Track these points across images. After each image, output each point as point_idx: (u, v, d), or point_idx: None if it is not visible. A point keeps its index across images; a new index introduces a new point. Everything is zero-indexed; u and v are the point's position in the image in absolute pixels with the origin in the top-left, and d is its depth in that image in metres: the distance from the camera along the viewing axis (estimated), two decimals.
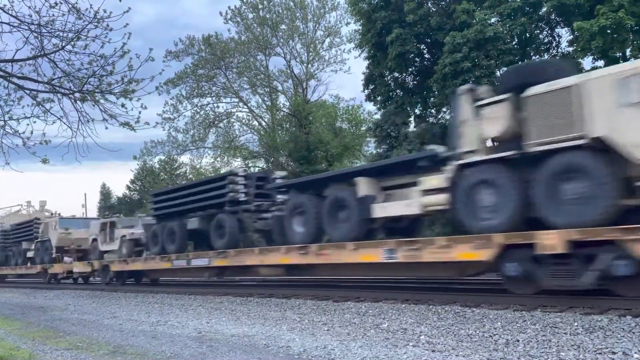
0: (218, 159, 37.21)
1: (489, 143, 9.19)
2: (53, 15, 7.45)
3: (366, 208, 10.47)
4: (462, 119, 9.32)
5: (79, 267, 21.53)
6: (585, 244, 7.42)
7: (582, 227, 7.44)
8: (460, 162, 9.09)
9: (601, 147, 7.53)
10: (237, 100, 36.35)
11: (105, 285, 19.68)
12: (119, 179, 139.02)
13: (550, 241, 7.61)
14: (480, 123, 9.01)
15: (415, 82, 24.79)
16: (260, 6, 33.87)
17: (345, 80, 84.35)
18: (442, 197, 9.31)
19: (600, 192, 7.42)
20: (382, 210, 10.34)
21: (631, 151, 7.23)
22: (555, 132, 7.91)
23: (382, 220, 10.71)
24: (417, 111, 25.21)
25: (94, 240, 20.94)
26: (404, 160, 10.90)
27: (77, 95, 8.01)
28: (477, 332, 6.50)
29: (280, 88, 36.77)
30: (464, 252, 8.64)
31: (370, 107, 36.06)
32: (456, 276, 11.08)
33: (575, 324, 6.47)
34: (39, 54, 7.70)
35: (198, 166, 38.94)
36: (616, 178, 7.44)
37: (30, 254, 25.62)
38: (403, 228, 11.26)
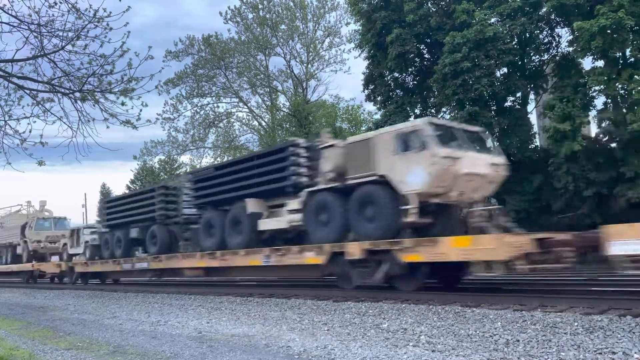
0: (218, 159, 37.23)
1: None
2: (53, 15, 7.45)
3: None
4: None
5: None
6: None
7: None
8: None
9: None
10: (237, 100, 36.42)
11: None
12: (119, 179, 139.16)
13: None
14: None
15: (415, 82, 24.79)
16: (260, 6, 33.92)
17: (345, 80, 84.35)
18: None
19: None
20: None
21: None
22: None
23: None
24: (417, 111, 25.20)
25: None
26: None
27: (77, 94, 8.00)
28: (477, 332, 6.50)
29: (280, 88, 36.84)
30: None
31: (370, 107, 36.14)
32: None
33: (575, 324, 6.47)
34: (39, 54, 7.69)
35: (198, 166, 38.96)
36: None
37: None
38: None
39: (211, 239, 14.36)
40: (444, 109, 24.05)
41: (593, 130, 21.87)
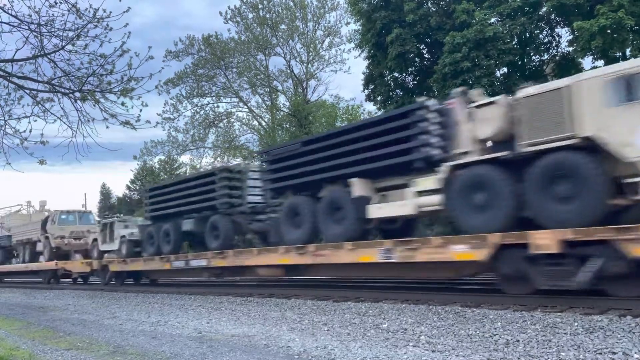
0: (218, 158, 37.24)
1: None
2: (53, 14, 7.45)
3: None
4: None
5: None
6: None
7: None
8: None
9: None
10: (237, 100, 36.38)
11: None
12: (119, 179, 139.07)
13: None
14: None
15: (415, 82, 24.77)
16: (260, 6, 33.89)
17: (345, 80, 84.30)
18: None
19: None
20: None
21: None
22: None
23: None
24: None
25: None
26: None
27: (77, 94, 8.00)
28: (477, 332, 6.50)
29: (280, 88, 36.81)
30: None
31: (370, 107, 36.04)
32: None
33: (575, 324, 6.47)
34: (39, 53, 7.69)
35: (198, 166, 38.96)
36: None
37: None
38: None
39: (297, 230, 11.85)
40: None
41: None
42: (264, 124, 36.93)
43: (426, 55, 24.47)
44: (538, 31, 21.04)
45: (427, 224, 16.06)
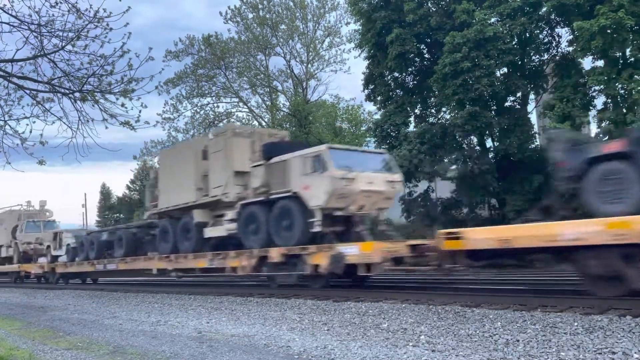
0: None
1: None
2: (53, 15, 7.44)
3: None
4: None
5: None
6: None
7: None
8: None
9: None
10: (237, 100, 36.40)
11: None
12: (119, 179, 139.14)
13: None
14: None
15: (415, 82, 24.79)
16: (260, 6, 33.89)
17: (345, 80, 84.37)
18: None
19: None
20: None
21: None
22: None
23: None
24: (417, 111, 25.20)
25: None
26: None
27: (77, 95, 8.00)
28: (477, 332, 6.50)
29: (280, 88, 36.82)
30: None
31: (370, 107, 36.09)
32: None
33: (575, 324, 6.46)
34: (39, 54, 7.69)
35: None
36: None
37: None
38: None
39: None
40: (444, 109, 24.07)
41: (593, 130, 21.87)
42: (264, 124, 36.94)
43: (426, 55, 24.48)
44: (538, 31, 21.04)
45: None
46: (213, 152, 14.31)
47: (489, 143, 22.93)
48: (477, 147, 22.84)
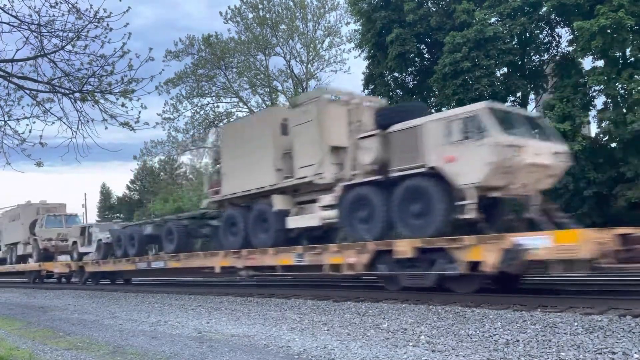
0: None
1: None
2: (53, 15, 7.44)
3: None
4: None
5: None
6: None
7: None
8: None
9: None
10: (237, 100, 36.37)
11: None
12: (119, 179, 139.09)
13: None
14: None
15: (415, 82, 24.79)
16: (260, 6, 33.88)
17: (345, 80, 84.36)
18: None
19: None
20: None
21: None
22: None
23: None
24: None
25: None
26: None
27: (77, 95, 7.99)
28: (477, 332, 6.50)
29: (280, 88, 36.80)
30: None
31: None
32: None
33: (575, 324, 6.47)
34: (39, 54, 7.68)
35: (198, 166, 38.98)
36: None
37: None
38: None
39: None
40: (444, 109, 24.04)
41: (593, 130, 21.88)
42: None
43: (426, 55, 24.48)
44: (538, 31, 21.05)
45: None
46: (298, 125, 11.79)
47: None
48: None
